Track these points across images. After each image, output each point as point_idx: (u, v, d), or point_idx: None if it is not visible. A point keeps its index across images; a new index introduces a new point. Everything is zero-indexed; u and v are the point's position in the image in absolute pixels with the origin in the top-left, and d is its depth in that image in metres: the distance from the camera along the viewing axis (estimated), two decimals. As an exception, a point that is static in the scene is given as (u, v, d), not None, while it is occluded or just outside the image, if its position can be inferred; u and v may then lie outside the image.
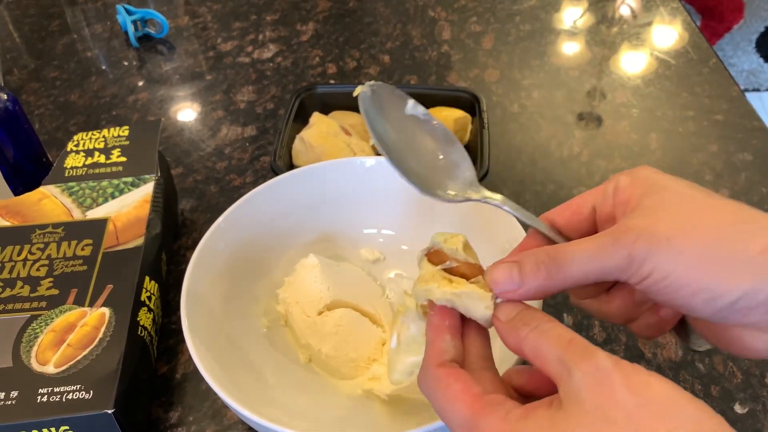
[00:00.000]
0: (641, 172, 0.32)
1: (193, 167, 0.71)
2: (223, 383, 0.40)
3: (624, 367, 0.26)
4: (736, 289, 0.27)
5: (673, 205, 0.29)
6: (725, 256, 0.27)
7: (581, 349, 0.27)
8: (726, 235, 0.28)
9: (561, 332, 0.28)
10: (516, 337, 0.29)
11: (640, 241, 0.28)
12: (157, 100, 0.81)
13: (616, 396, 0.25)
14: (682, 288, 0.28)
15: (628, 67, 0.81)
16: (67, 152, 0.61)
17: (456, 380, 0.29)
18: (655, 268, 0.28)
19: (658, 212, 0.29)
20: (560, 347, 0.27)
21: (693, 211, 0.29)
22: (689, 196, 0.30)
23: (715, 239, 0.28)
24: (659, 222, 0.29)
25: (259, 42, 0.89)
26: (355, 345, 0.48)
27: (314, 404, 0.47)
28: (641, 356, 0.51)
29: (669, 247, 0.28)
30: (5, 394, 0.43)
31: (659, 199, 0.30)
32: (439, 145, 0.39)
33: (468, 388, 0.29)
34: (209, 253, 0.48)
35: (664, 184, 0.31)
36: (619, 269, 0.29)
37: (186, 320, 0.43)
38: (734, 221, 0.28)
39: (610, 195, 0.32)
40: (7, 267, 0.51)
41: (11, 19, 0.99)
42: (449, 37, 0.88)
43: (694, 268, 0.27)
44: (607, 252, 0.29)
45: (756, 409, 0.48)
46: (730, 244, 0.27)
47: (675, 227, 0.28)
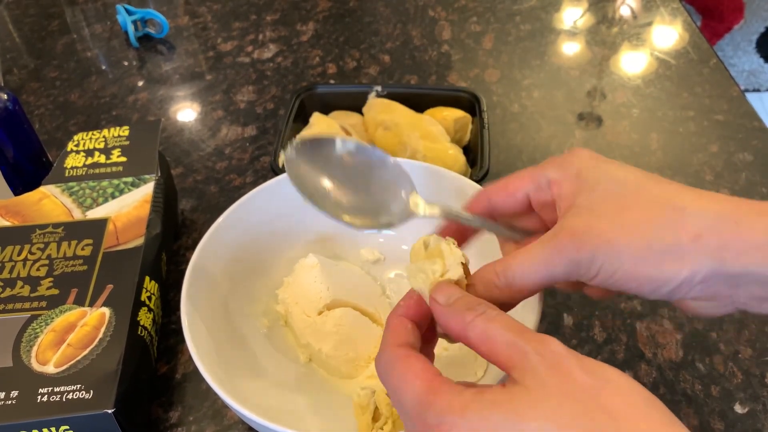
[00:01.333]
0: (573, 165, 0.33)
1: (193, 167, 0.71)
2: (223, 383, 0.40)
3: (576, 354, 0.27)
4: (675, 277, 0.29)
5: (607, 203, 0.31)
6: (662, 248, 0.29)
7: (534, 335, 0.27)
8: (660, 227, 0.30)
9: (510, 320, 0.29)
10: (461, 322, 0.29)
11: (584, 248, 0.30)
12: (157, 100, 0.81)
13: (573, 375, 0.26)
14: (629, 281, 0.30)
15: (629, 68, 0.81)
16: (67, 152, 0.61)
17: (416, 360, 0.29)
18: (601, 268, 0.30)
19: (594, 212, 0.31)
20: (511, 332, 0.28)
21: (627, 205, 0.30)
22: (622, 186, 0.31)
23: (651, 233, 0.30)
24: (598, 223, 0.30)
25: (259, 42, 0.89)
26: (355, 344, 0.48)
27: (314, 404, 0.47)
28: (641, 356, 0.51)
29: (610, 248, 0.30)
30: (5, 394, 0.43)
31: (592, 198, 0.31)
32: (372, 169, 0.40)
33: (427, 368, 0.29)
34: (209, 253, 0.48)
35: (596, 179, 0.32)
36: (567, 275, 0.31)
37: (186, 320, 0.43)
38: (666, 211, 0.30)
39: (545, 187, 0.34)
40: (7, 267, 0.51)
41: (11, 19, 0.99)
42: (449, 37, 0.88)
43: (637, 264, 0.30)
44: (554, 263, 0.31)
45: (756, 409, 0.48)
46: (665, 236, 0.29)
47: (613, 226, 0.30)
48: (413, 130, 0.62)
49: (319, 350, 0.48)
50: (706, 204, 0.30)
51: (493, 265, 0.32)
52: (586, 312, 0.55)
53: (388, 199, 0.40)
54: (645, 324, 0.53)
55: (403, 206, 0.39)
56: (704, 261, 0.29)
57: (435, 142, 0.62)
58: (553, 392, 0.25)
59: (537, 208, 0.35)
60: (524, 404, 0.25)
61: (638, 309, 0.55)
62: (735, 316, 0.53)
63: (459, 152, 0.62)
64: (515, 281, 0.31)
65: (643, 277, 0.30)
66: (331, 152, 0.40)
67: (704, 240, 0.29)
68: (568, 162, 0.34)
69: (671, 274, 0.29)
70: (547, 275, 0.31)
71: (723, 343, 0.52)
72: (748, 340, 0.52)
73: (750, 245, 0.29)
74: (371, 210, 0.39)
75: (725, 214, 0.29)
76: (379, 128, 0.65)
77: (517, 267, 0.31)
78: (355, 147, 0.40)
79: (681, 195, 0.31)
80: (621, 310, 0.55)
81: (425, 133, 0.62)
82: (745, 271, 0.29)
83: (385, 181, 0.40)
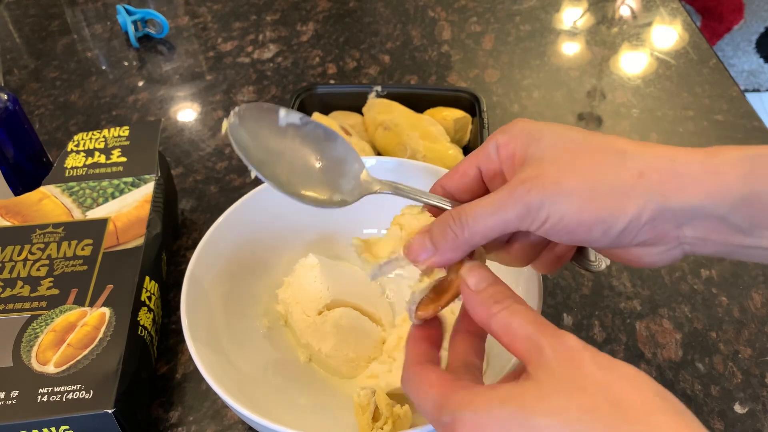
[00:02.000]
0: (516, 126, 0.34)
1: (193, 167, 0.71)
2: (223, 383, 0.40)
3: (591, 349, 0.27)
4: (622, 216, 0.30)
5: (555, 151, 0.32)
6: (609, 188, 0.30)
7: (552, 330, 0.28)
8: (605, 168, 0.31)
9: (532, 314, 0.29)
10: (487, 312, 0.30)
11: (533, 190, 0.31)
12: (157, 100, 0.81)
13: (586, 370, 0.26)
14: (578, 226, 0.31)
15: (629, 68, 0.81)
16: (68, 152, 0.61)
17: (432, 371, 0.30)
18: (550, 213, 0.31)
19: (543, 161, 0.32)
20: (532, 326, 0.28)
21: (573, 153, 0.32)
22: (566, 138, 0.32)
23: (596, 175, 0.31)
24: (546, 169, 0.31)
25: (260, 42, 0.89)
26: (355, 344, 0.48)
27: (314, 404, 0.47)
28: (641, 356, 0.51)
29: (559, 190, 0.30)
30: (5, 394, 0.43)
31: (541, 148, 0.32)
32: (321, 145, 0.39)
33: (443, 376, 0.30)
34: (209, 253, 0.48)
35: (540, 133, 0.33)
36: (518, 219, 0.31)
37: (186, 320, 0.43)
38: (608, 155, 0.31)
39: (493, 153, 0.35)
40: (7, 267, 0.51)
41: (11, 19, 0.99)
42: (449, 37, 0.88)
43: (585, 206, 0.30)
44: (506, 206, 0.31)
45: (756, 409, 0.48)
46: (611, 177, 0.30)
47: (561, 171, 0.31)
48: (413, 130, 0.62)
49: (319, 350, 0.48)
50: (644, 148, 0.31)
51: (449, 211, 0.33)
52: (586, 312, 0.55)
53: (338, 176, 0.38)
54: (645, 324, 0.53)
55: (355, 183, 0.38)
56: (648, 197, 0.30)
57: (435, 142, 0.62)
58: (563, 386, 0.26)
59: (488, 180, 0.36)
60: (534, 398, 0.26)
61: (638, 309, 0.55)
62: (734, 317, 0.54)
63: (459, 152, 0.62)
64: (469, 225, 0.32)
65: (591, 220, 0.30)
66: (275, 122, 0.38)
67: (646, 177, 0.30)
68: (510, 126, 0.35)
69: (618, 213, 0.30)
70: (500, 220, 0.31)
71: (723, 343, 0.52)
72: (747, 340, 0.52)
73: (688, 180, 0.30)
74: (322, 186, 0.38)
75: (663, 155, 0.31)
76: (379, 128, 0.65)
77: (471, 211, 0.32)
78: (300, 119, 0.38)
79: (621, 142, 0.32)
80: (621, 309, 0.55)
81: (425, 133, 0.62)
82: (686, 205, 0.30)
83: (334, 157, 0.39)
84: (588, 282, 0.57)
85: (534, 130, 0.33)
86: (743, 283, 0.56)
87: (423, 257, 0.33)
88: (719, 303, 0.55)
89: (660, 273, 0.57)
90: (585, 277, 0.57)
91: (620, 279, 0.57)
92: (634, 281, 0.57)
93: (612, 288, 0.56)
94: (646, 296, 0.56)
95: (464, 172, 0.36)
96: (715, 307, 0.54)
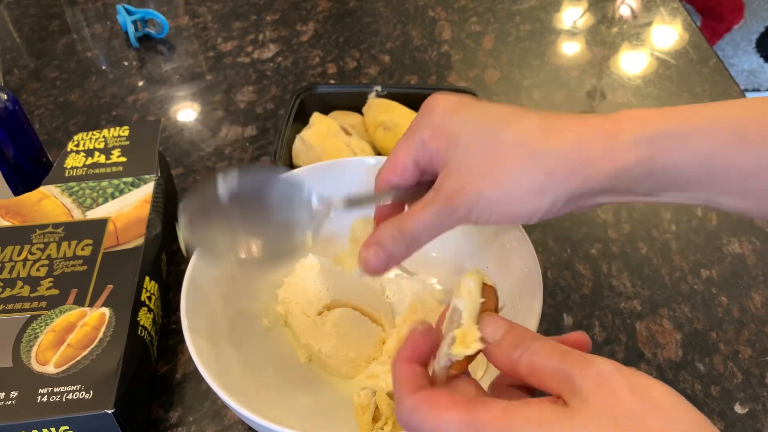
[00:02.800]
0: (436, 115, 0.38)
1: (193, 167, 0.71)
2: (223, 383, 0.40)
3: (624, 371, 0.26)
4: (539, 208, 0.35)
5: (470, 158, 0.36)
6: (523, 192, 0.35)
7: (579, 357, 0.27)
8: (516, 173, 0.35)
9: (553, 346, 0.28)
10: (509, 360, 0.29)
11: (461, 206, 0.35)
12: (157, 100, 0.81)
13: (620, 397, 0.25)
14: (504, 220, 0.36)
15: (629, 67, 0.81)
16: (67, 152, 0.61)
17: (439, 395, 0.29)
18: (479, 216, 0.36)
19: (461, 171, 0.36)
20: (556, 358, 0.27)
21: (487, 158, 0.35)
22: (479, 139, 0.36)
23: (510, 180, 0.35)
24: (467, 182, 0.35)
25: (259, 42, 0.89)
26: (355, 344, 0.48)
27: (314, 404, 0.47)
28: (641, 356, 0.51)
29: (480, 201, 0.35)
30: (5, 394, 0.43)
31: (458, 153, 0.36)
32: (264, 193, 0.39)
33: (454, 397, 0.28)
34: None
35: (457, 133, 0.36)
36: (454, 224, 0.36)
37: (186, 320, 0.43)
38: (520, 156, 0.35)
39: (420, 146, 0.38)
40: (7, 267, 0.51)
41: (11, 19, 0.99)
42: (449, 37, 0.88)
43: (505, 207, 0.35)
44: (442, 219, 0.36)
45: (756, 409, 0.48)
46: (523, 181, 0.34)
47: (479, 182, 0.35)
48: (413, 130, 0.62)
49: (319, 350, 0.48)
50: (550, 139, 0.34)
51: (391, 227, 0.37)
52: (586, 312, 0.55)
53: (290, 213, 0.39)
54: (645, 324, 0.53)
55: (310, 212, 0.39)
56: (558, 191, 0.34)
57: (435, 142, 0.62)
58: (598, 415, 0.25)
59: (425, 165, 0.38)
60: (568, 426, 0.25)
61: (638, 309, 0.55)
62: (734, 316, 0.54)
63: (459, 152, 0.62)
64: (414, 237, 0.36)
65: (513, 215, 0.35)
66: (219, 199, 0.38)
67: (556, 175, 0.34)
68: (431, 114, 0.38)
69: (535, 207, 0.35)
70: (439, 229, 0.36)
71: (723, 343, 0.52)
72: (747, 340, 0.52)
73: (593, 170, 0.33)
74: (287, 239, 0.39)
75: (568, 145, 0.34)
76: (379, 128, 0.65)
77: (413, 228, 0.36)
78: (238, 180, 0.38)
79: (529, 135, 0.35)
80: (621, 310, 0.55)
81: (425, 133, 0.62)
82: (594, 187, 0.34)
83: (280, 197, 0.39)
84: (588, 282, 0.57)
85: (451, 130, 0.37)
86: (743, 283, 0.56)
87: (378, 266, 0.37)
88: (719, 303, 0.55)
89: (660, 273, 0.57)
90: (585, 277, 0.57)
91: (620, 279, 0.57)
92: (634, 281, 0.57)
93: (612, 288, 0.56)
94: (646, 296, 0.56)
95: (403, 166, 0.39)
96: (715, 307, 0.54)
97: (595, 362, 0.26)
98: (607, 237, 0.60)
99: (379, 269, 0.37)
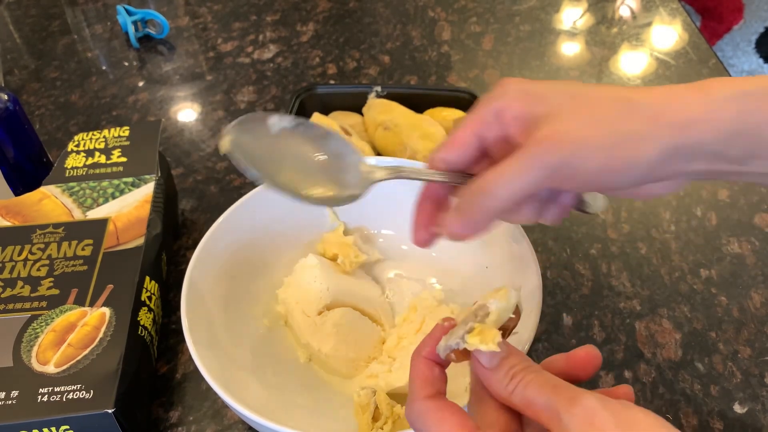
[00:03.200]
0: (509, 87, 0.34)
1: (193, 167, 0.71)
2: (223, 383, 0.40)
3: (610, 406, 0.26)
4: (644, 159, 0.31)
5: (564, 107, 0.32)
6: (626, 135, 0.31)
7: (567, 393, 0.27)
8: (618, 117, 0.32)
9: (545, 380, 0.28)
10: (504, 390, 0.29)
11: (553, 149, 0.31)
12: (158, 100, 0.81)
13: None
14: (601, 174, 0.32)
15: (628, 68, 0.81)
16: (68, 152, 0.61)
17: (451, 413, 0.29)
18: (575, 169, 0.31)
19: (555, 118, 0.32)
20: (546, 393, 0.27)
21: (582, 105, 0.32)
22: (570, 92, 0.33)
23: (612, 124, 0.31)
24: (561, 126, 0.31)
25: (260, 42, 0.89)
26: (355, 344, 0.48)
27: (314, 404, 0.47)
28: (640, 356, 0.51)
29: (580, 145, 0.31)
30: (5, 393, 0.43)
31: (548, 106, 0.32)
32: (317, 144, 0.39)
33: (464, 423, 0.29)
34: (209, 253, 0.49)
35: (541, 91, 0.33)
36: (543, 180, 0.32)
37: (186, 320, 0.43)
38: (618, 102, 0.32)
39: (493, 119, 0.34)
40: (7, 267, 0.51)
41: (12, 20, 0.99)
42: (449, 38, 0.88)
43: (607, 155, 0.31)
44: (529, 169, 0.32)
45: (755, 409, 0.48)
46: (626, 124, 0.31)
47: (576, 126, 0.31)
48: (413, 131, 0.62)
49: (319, 350, 0.48)
50: (645, 93, 0.32)
51: (473, 185, 0.33)
52: (586, 312, 0.55)
53: (340, 172, 0.38)
54: (644, 324, 0.53)
55: (358, 175, 0.38)
56: (663, 139, 0.31)
57: (435, 143, 0.62)
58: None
59: (491, 147, 0.35)
60: None
61: (637, 309, 0.55)
62: (734, 316, 0.54)
63: (459, 152, 0.62)
64: (494, 193, 0.32)
65: (614, 167, 0.31)
66: (268, 131, 0.38)
67: (658, 121, 0.31)
68: (502, 89, 0.35)
69: (639, 157, 0.31)
70: (524, 184, 0.32)
71: (722, 343, 0.52)
72: (747, 340, 0.52)
73: (692, 120, 0.31)
74: (328, 184, 0.38)
75: (665, 99, 0.32)
76: (379, 128, 0.65)
77: (495, 180, 0.32)
78: (290, 122, 0.38)
79: (622, 90, 0.33)
80: (620, 309, 0.55)
81: (425, 134, 0.62)
82: (694, 143, 0.31)
83: (332, 154, 0.39)
84: (588, 282, 0.57)
85: (533, 90, 0.34)
86: (743, 282, 0.56)
87: (462, 231, 0.34)
88: (719, 303, 0.55)
89: (659, 273, 0.57)
90: (585, 277, 0.57)
91: (620, 279, 0.57)
92: (634, 281, 0.57)
93: (612, 288, 0.56)
94: (646, 296, 0.56)
95: (465, 143, 0.35)
96: (714, 307, 0.54)
97: (581, 399, 0.26)
98: (606, 237, 0.61)
99: (460, 231, 0.34)
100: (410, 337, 0.48)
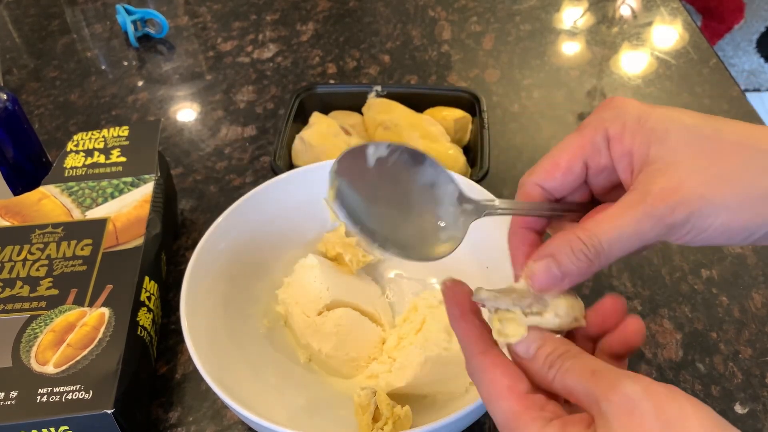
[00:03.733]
0: (627, 113, 0.31)
1: (192, 167, 0.71)
2: (223, 383, 0.40)
3: (655, 395, 0.24)
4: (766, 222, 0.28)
5: (687, 154, 0.29)
6: (757, 197, 0.28)
7: (607, 379, 0.26)
8: (750, 173, 0.29)
9: (583, 365, 0.27)
10: (545, 380, 0.29)
11: (678, 209, 0.28)
12: (157, 100, 0.81)
13: (646, 426, 0.24)
14: (720, 234, 0.29)
15: (629, 67, 0.81)
16: (67, 152, 0.61)
17: (502, 374, 0.29)
18: (694, 227, 0.28)
19: (677, 167, 0.29)
20: (585, 380, 0.26)
21: (709, 154, 0.29)
22: (695, 134, 0.29)
23: (745, 181, 0.28)
24: (685, 180, 0.28)
25: (259, 42, 0.89)
26: (355, 344, 0.48)
27: (314, 404, 0.47)
28: (641, 356, 0.51)
29: (706, 204, 0.28)
30: (5, 394, 0.43)
31: (668, 149, 0.29)
32: (413, 175, 0.33)
33: (514, 386, 0.28)
34: (209, 253, 0.48)
35: (663, 126, 0.30)
36: (657, 238, 0.29)
37: (186, 320, 0.43)
38: (754, 157, 0.29)
39: (603, 147, 0.31)
40: (6, 267, 0.51)
41: (11, 19, 0.99)
42: (449, 37, 0.88)
43: (733, 217, 0.28)
44: (646, 228, 0.28)
45: (756, 409, 0.47)
46: (758, 183, 0.28)
47: (705, 180, 0.28)
48: (413, 130, 0.62)
49: (319, 350, 0.48)
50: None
51: (571, 235, 0.29)
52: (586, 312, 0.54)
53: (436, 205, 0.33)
54: (645, 324, 0.53)
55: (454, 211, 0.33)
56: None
57: (435, 142, 0.62)
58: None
59: (593, 176, 0.32)
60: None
61: (638, 309, 0.54)
62: (735, 317, 0.53)
63: (459, 152, 0.62)
64: (605, 250, 0.29)
65: (737, 228, 0.29)
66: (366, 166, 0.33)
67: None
68: (619, 110, 0.31)
69: (765, 218, 0.28)
70: (637, 241, 0.29)
71: (723, 343, 0.52)
72: (748, 341, 0.52)
73: None
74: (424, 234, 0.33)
75: None
76: (379, 128, 0.65)
77: (604, 237, 0.29)
78: (387, 148, 0.33)
79: (755, 135, 0.29)
80: (621, 310, 0.54)
81: (425, 133, 0.62)
82: None
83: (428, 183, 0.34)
84: (588, 282, 0.57)
85: (651, 124, 0.30)
86: (743, 283, 0.56)
87: (548, 285, 0.30)
88: (719, 303, 0.55)
89: (660, 273, 0.57)
90: (585, 277, 0.57)
91: (620, 279, 0.57)
92: (635, 281, 0.57)
93: (612, 288, 0.56)
94: (647, 296, 0.55)
95: (569, 169, 0.32)
96: (715, 307, 0.54)
97: (622, 385, 0.25)
98: (607, 237, 0.60)
99: (549, 286, 0.30)
100: (410, 337, 0.48)
